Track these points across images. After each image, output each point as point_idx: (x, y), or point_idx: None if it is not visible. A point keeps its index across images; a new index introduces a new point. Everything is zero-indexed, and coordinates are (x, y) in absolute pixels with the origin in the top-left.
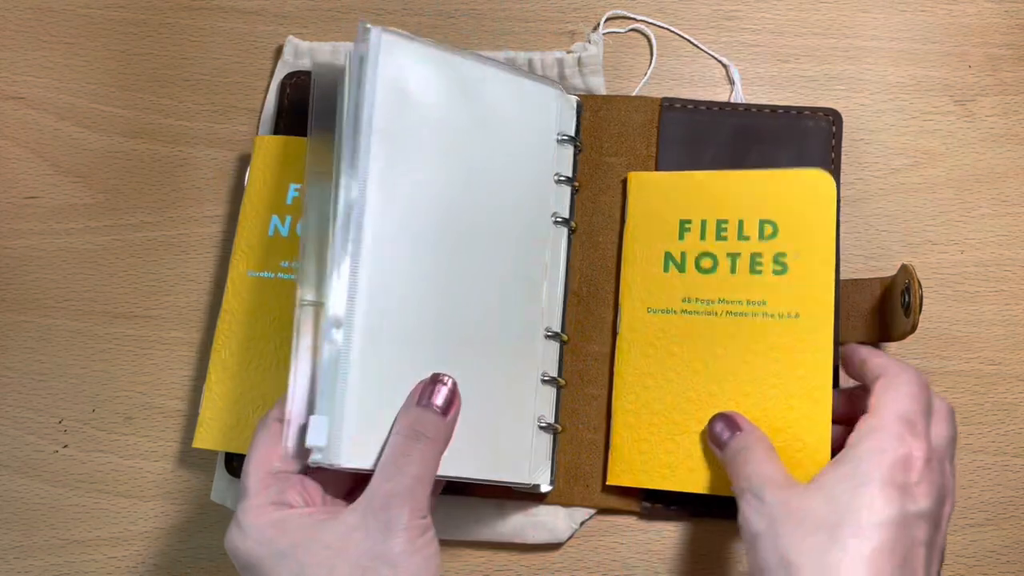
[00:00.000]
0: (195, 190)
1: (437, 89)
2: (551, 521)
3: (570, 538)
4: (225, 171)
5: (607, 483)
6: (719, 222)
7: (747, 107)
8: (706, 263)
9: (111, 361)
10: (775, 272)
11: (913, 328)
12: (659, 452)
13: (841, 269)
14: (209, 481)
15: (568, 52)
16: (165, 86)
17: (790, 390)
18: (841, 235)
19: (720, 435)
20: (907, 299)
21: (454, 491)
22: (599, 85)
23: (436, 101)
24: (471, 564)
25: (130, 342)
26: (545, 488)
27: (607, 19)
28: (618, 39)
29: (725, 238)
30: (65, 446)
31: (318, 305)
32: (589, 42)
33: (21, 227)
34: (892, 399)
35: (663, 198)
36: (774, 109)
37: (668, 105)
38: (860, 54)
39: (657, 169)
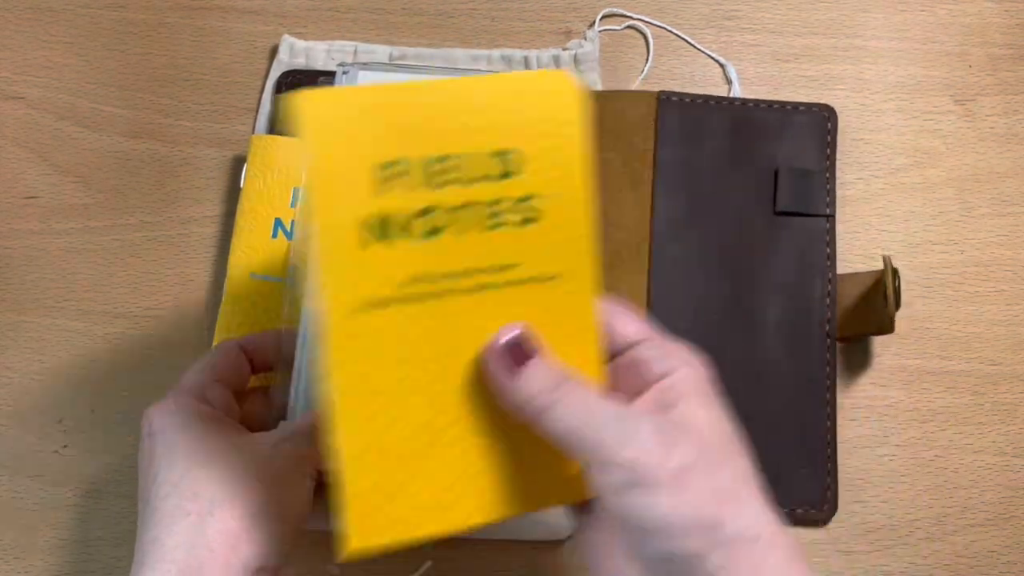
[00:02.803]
0: (195, 190)
1: None
2: (551, 519)
3: (571, 536)
4: (225, 171)
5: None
6: (431, 161)
7: (743, 102)
8: (420, 225)
9: (111, 361)
10: (525, 222)
11: (891, 320)
12: (419, 489)
13: (840, 268)
14: None
15: (564, 49)
16: (165, 86)
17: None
18: (840, 235)
19: (504, 383)
20: (884, 291)
21: None
22: (595, 82)
23: None
24: (471, 563)
25: (130, 342)
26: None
27: (603, 16)
28: (617, 38)
29: (449, 183)
30: (65, 446)
31: None
32: (585, 39)
33: (21, 227)
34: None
35: (349, 135)
36: (770, 104)
37: (666, 99)
38: (860, 54)
39: (656, 167)
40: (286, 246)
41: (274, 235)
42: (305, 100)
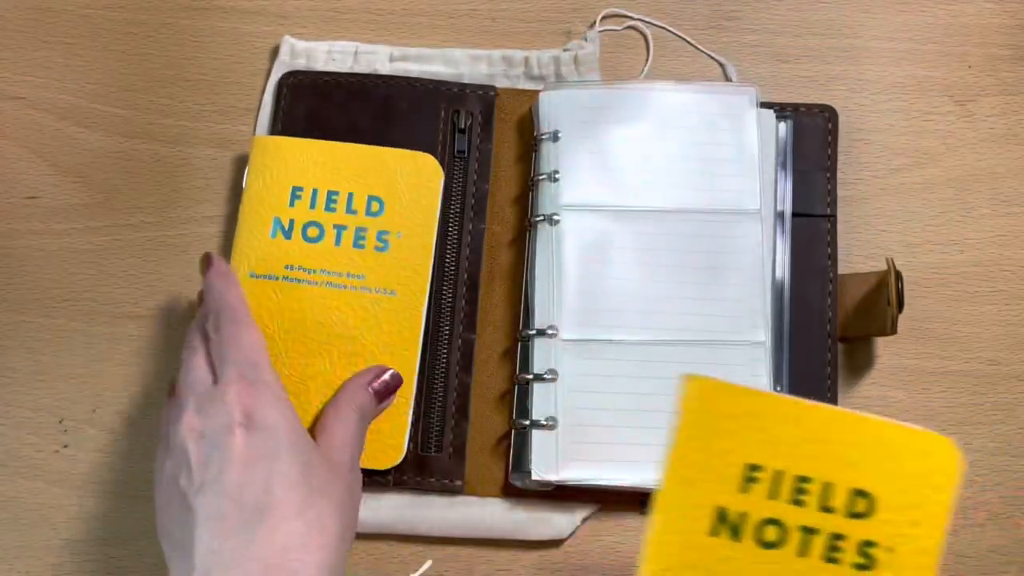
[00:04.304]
0: (195, 190)
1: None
2: (553, 517)
3: (571, 535)
4: (225, 171)
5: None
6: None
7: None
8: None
9: (111, 361)
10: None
11: (893, 323)
12: None
13: (841, 268)
14: None
15: (564, 50)
16: (165, 86)
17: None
18: (841, 235)
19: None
20: (887, 294)
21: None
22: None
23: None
24: (472, 561)
25: (131, 342)
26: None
27: (603, 17)
28: (618, 39)
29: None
30: (65, 446)
31: None
32: (585, 40)
33: (21, 227)
34: None
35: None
36: (771, 104)
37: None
38: (860, 54)
39: None
40: (284, 245)
41: (272, 234)
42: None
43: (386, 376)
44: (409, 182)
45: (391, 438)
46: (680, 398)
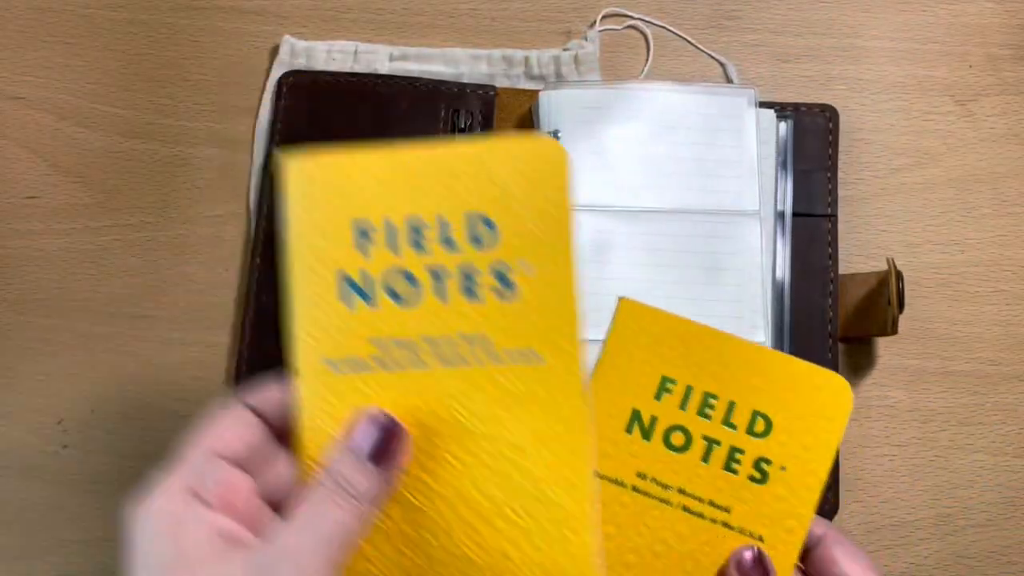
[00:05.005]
0: (195, 190)
1: None
2: None
3: None
4: (225, 171)
5: None
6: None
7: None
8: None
9: (110, 361)
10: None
11: (894, 323)
12: None
13: (841, 268)
14: None
15: (565, 50)
16: (165, 86)
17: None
18: (841, 235)
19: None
20: (888, 294)
21: None
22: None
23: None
24: None
25: (130, 342)
26: None
27: (604, 16)
28: (617, 38)
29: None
30: (65, 446)
31: None
32: (586, 39)
33: (21, 227)
34: (871, 569)
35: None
36: (772, 104)
37: None
38: (861, 54)
39: None
40: (364, 312)
41: (344, 299)
42: (625, 304)
43: (364, 423)
44: (525, 185)
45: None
46: (614, 316)
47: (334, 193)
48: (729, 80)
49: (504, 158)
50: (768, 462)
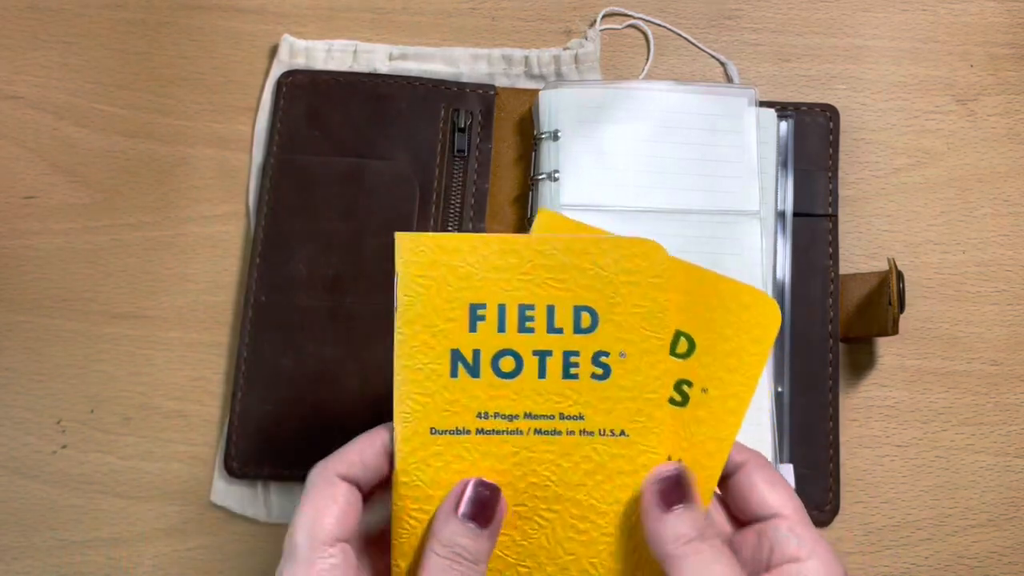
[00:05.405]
0: (194, 190)
1: None
2: None
3: None
4: (224, 171)
5: None
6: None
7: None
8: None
9: (109, 361)
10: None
11: (895, 323)
12: None
13: (842, 268)
14: (208, 482)
15: (565, 49)
16: (164, 85)
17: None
18: (842, 235)
19: (651, 513)
20: (889, 294)
21: None
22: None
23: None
24: None
25: (129, 342)
26: None
27: (604, 16)
28: (619, 38)
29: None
30: (64, 446)
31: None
32: (586, 39)
33: (19, 227)
34: (793, 499)
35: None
36: (773, 104)
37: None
38: (861, 53)
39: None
40: (477, 387)
41: (453, 373)
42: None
43: (469, 491)
44: (627, 280)
45: None
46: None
47: (451, 275)
48: (730, 80)
49: (611, 253)
50: (689, 384)
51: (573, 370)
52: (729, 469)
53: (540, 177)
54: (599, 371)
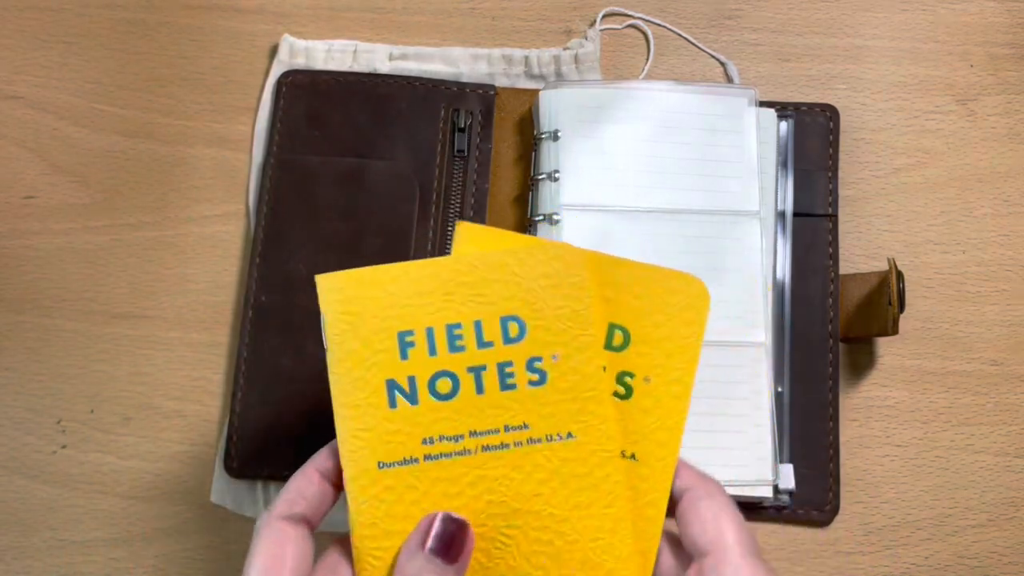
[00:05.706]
0: (194, 190)
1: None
2: None
3: None
4: (224, 171)
5: None
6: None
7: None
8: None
9: (110, 361)
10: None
11: (895, 323)
12: None
13: (842, 268)
14: (208, 482)
15: (565, 49)
16: (164, 86)
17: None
18: (842, 235)
19: None
20: (889, 294)
21: None
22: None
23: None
24: None
25: (129, 342)
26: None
27: (604, 16)
28: (619, 38)
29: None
30: (64, 446)
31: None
32: (586, 39)
33: (19, 227)
34: (731, 533)
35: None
36: (773, 104)
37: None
38: (861, 53)
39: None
40: (418, 414)
41: (392, 404)
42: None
43: (436, 526)
44: (547, 283)
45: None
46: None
47: (375, 307)
48: (730, 79)
49: (527, 260)
50: (631, 375)
51: (510, 380)
52: (674, 496)
53: (540, 177)
54: (535, 377)
